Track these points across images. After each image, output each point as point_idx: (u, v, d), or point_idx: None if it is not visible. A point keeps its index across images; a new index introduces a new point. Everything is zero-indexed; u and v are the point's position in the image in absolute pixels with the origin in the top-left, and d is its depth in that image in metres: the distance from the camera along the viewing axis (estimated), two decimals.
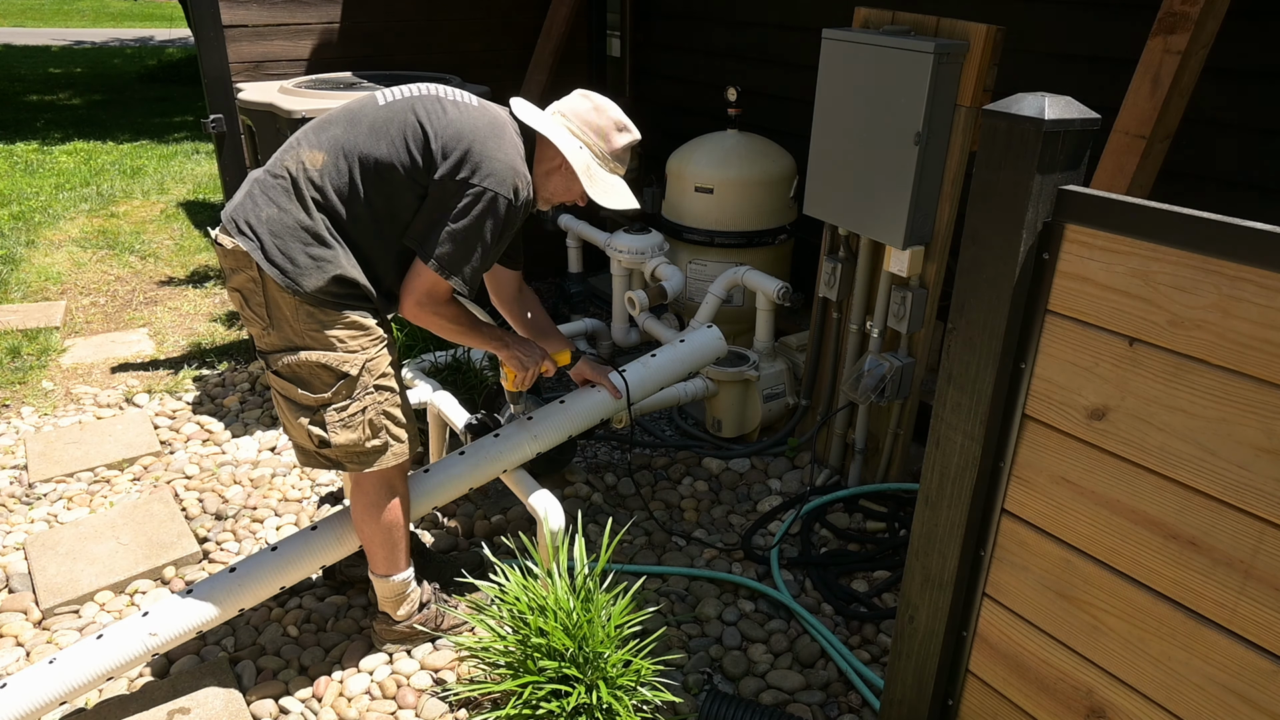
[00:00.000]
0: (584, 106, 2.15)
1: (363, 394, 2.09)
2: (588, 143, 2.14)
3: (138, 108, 10.53)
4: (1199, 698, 1.43)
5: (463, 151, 1.97)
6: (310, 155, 2.01)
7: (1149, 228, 1.34)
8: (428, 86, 2.11)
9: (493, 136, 2.01)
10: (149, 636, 2.12)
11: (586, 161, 2.14)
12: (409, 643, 2.43)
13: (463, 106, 2.05)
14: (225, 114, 3.63)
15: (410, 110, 2.01)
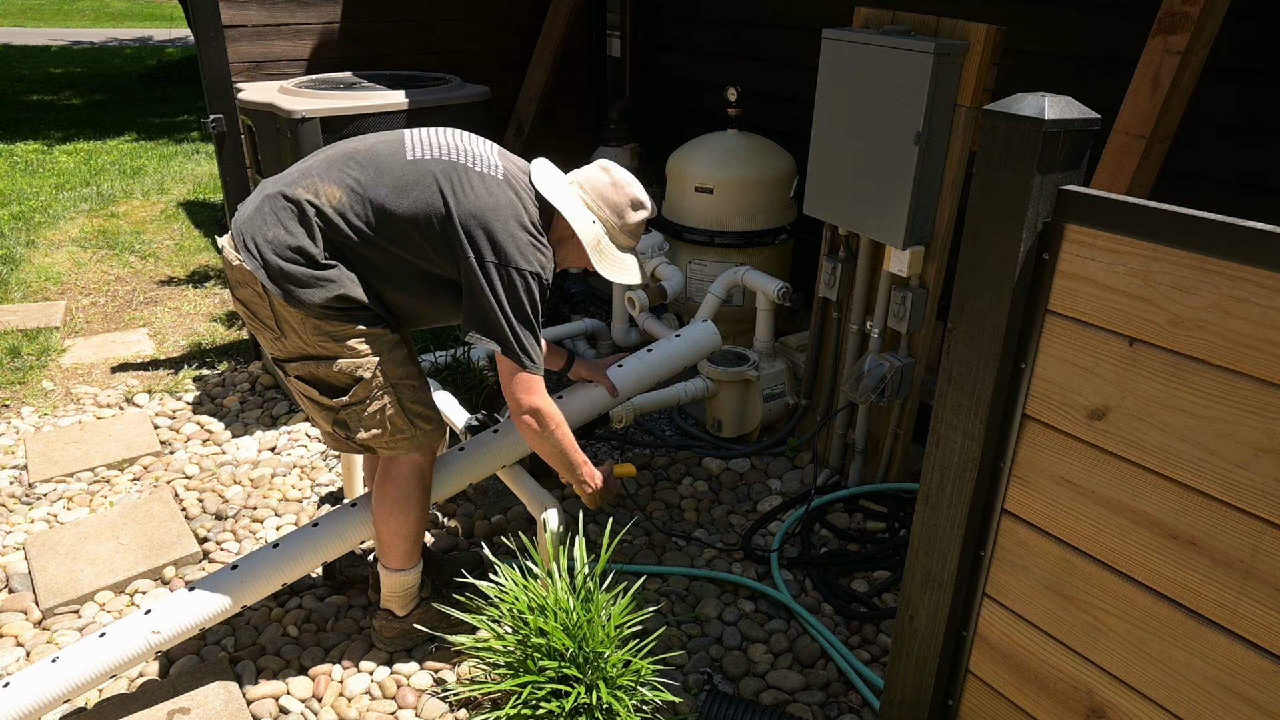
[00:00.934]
0: (602, 181, 2.17)
1: (381, 393, 2.10)
2: (602, 217, 2.16)
3: (138, 108, 10.53)
4: (1199, 698, 1.43)
5: (488, 234, 1.98)
6: (328, 190, 2.00)
7: (1149, 228, 1.34)
8: (454, 144, 2.09)
9: (514, 215, 2.02)
10: (151, 634, 2.12)
11: (598, 236, 2.16)
12: (409, 642, 2.42)
13: (487, 180, 2.04)
14: (225, 114, 3.63)
15: (434, 179, 2.01)
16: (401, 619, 2.39)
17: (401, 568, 2.31)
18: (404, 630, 2.40)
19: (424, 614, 2.41)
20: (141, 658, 2.13)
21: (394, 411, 2.12)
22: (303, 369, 2.07)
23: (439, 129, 2.15)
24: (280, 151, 3.40)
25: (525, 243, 2.00)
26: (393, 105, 3.44)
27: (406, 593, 2.36)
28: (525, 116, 4.58)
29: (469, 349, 3.56)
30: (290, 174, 2.06)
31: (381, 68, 4.20)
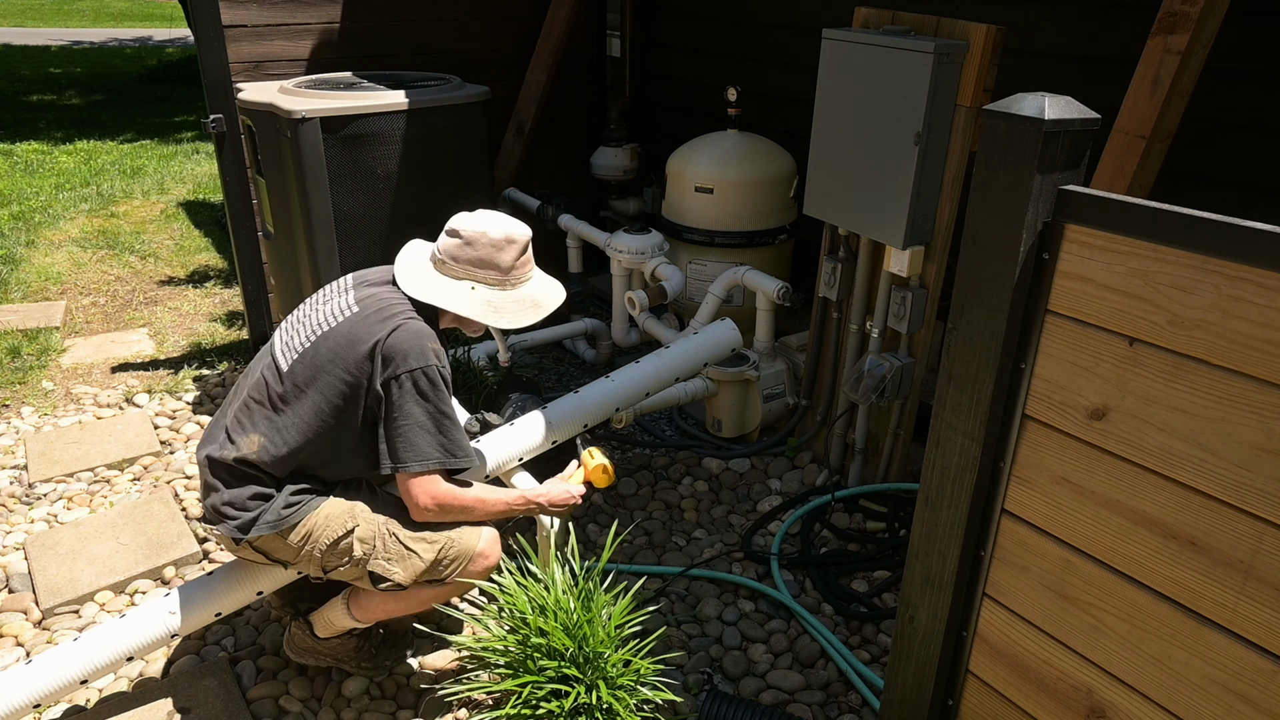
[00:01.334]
0: (454, 245, 2.10)
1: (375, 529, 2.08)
2: (478, 280, 2.11)
3: (138, 108, 10.53)
4: (1199, 698, 1.43)
5: (373, 358, 1.98)
6: (246, 441, 2.03)
7: (1149, 228, 1.34)
8: (311, 325, 2.08)
9: (384, 321, 2.01)
10: (169, 615, 2.15)
11: (485, 299, 2.11)
12: (313, 659, 2.34)
13: (356, 317, 2.03)
14: (225, 114, 3.63)
15: (318, 374, 2.01)
16: (317, 639, 2.31)
17: (362, 620, 2.26)
18: (315, 649, 2.32)
19: (341, 645, 2.32)
20: (160, 643, 2.17)
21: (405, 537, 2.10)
22: (323, 566, 2.09)
23: (298, 321, 2.14)
24: (280, 151, 3.40)
25: (406, 342, 1.98)
26: (393, 105, 3.44)
27: (342, 629, 2.28)
28: (525, 116, 4.58)
29: (469, 349, 3.56)
30: (211, 430, 2.12)
31: (381, 68, 4.20)
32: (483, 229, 2.09)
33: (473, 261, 2.09)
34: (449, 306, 2.08)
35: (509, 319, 2.13)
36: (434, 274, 2.12)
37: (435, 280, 2.11)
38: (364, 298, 2.08)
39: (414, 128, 3.50)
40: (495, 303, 2.12)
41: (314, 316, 2.10)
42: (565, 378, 4.04)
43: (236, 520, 2.01)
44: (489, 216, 2.13)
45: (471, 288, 2.11)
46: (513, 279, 2.14)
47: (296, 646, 2.33)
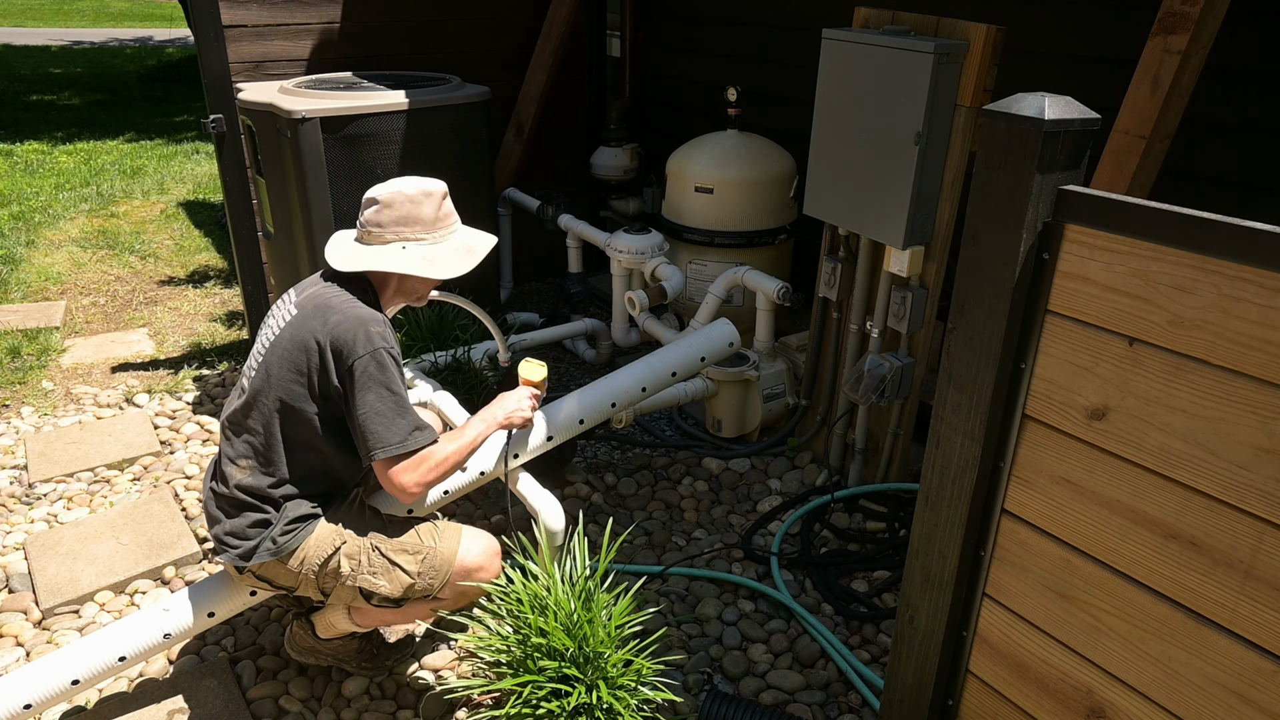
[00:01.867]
0: (374, 212, 2.11)
1: (360, 544, 2.10)
2: (406, 238, 2.12)
3: (138, 108, 10.53)
4: (1199, 698, 1.43)
5: (320, 353, 1.99)
6: (236, 469, 2.06)
7: (1149, 228, 1.34)
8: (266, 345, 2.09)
9: (321, 315, 2.01)
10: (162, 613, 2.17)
11: (418, 254, 2.11)
12: (313, 659, 2.34)
13: (296, 319, 2.04)
14: (225, 114, 3.63)
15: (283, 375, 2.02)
16: (319, 639, 2.31)
17: (362, 626, 2.27)
18: (315, 649, 2.32)
19: (342, 646, 2.32)
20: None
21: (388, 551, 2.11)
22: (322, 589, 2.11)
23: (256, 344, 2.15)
24: (280, 151, 3.40)
25: (347, 328, 1.99)
26: (393, 105, 3.44)
27: (343, 632, 2.29)
28: (525, 116, 4.58)
29: (469, 349, 3.56)
30: (212, 462, 2.17)
31: (381, 68, 4.20)
32: (397, 189, 2.11)
33: (396, 221, 2.10)
34: (385, 268, 2.08)
35: (445, 268, 2.13)
36: (362, 247, 2.13)
37: (365, 251, 2.11)
38: (302, 300, 2.09)
39: (414, 128, 3.50)
40: (429, 255, 2.13)
41: (264, 335, 2.13)
42: (565, 377, 4.04)
43: (238, 549, 2.04)
44: (401, 179, 2.15)
45: (402, 247, 2.11)
46: (439, 230, 2.15)
47: (298, 645, 2.33)
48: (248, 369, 2.12)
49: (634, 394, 2.86)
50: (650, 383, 2.90)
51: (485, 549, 2.19)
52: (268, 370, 2.04)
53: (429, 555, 2.12)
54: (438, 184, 2.17)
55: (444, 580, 2.13)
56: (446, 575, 2.13)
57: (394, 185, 2.13)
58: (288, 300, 2.15)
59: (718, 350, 3.08)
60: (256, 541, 2.04)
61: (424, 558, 2.11)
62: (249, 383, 2.08)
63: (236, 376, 3.98)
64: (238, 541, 2.04)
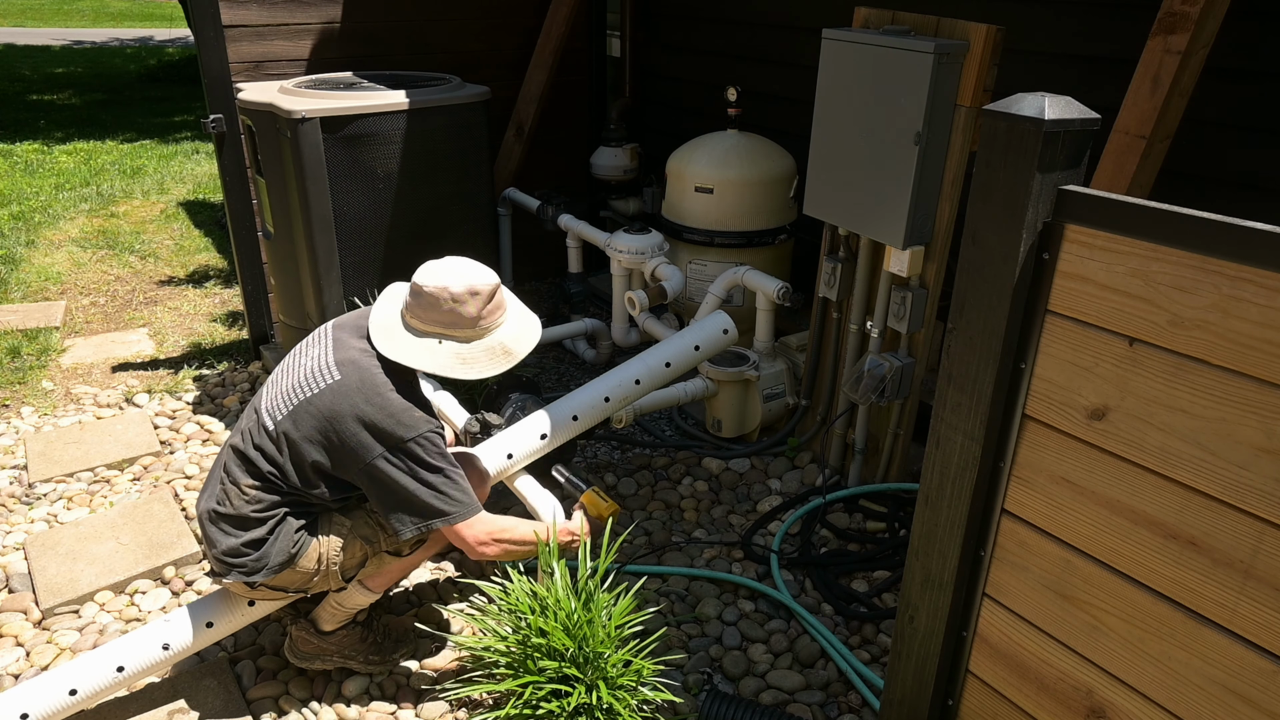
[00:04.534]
0: (418, 303, 2.08)
1: (361, 517, 2.15)
2: (445, 335, 2.09)
3: (138, 108, 10.53)
4: (1199, 698, 1.43)
5: (358, 434, 2.00)
6: (239, 493, 2.08)
7: (1149, 228, 1.34)
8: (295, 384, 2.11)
9: (364, 395, 2.02)
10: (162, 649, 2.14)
11: (452, 353, 2.09)
12: (320, 662, 2.33)
13: (339, 385, 2.04)
14: (225, 114, 3.63)
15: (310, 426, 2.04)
16: (324, 635, 2.30)
17: (376, 590, 2.28)
18: (321, 649, 2.31)
19: (348, 636, 2.32)
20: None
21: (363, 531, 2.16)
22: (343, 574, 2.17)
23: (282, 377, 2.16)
24: (280, 151, 3.40)
25: (394, 414, 2.00)
26: (393, 105, 3.44)
27: (354, 612, 2.30)
28: (525, 116, 4.58)
29: None
30: (207, 482, 2.19)
31: (381, 68, 4.20)
32: (444, 284, 2.05)
33: (437, 320, 2.07)
34: (417, 365, 2.07)
35: (478, 370, 2.11)
36: (402, 331, 2.11)
37: (403, 339, 2.09)
38: (343, 361, 2.08)
39: (414, 128, 3.50)
40: (463, 354, 2.10)
41: (296, 374, 2.12)
42: (565, 378, 4.04)
43: (244, 568, 2.06)
44: (451, 269, 2.09)
45: (439, 342, 2.09)
46: (480, 329, 2.11)
47: (300, 651, 2.31)
48: (272, 402, 2.11)
49: (629, 388, 2.86)
50: (644, 375, 2.90)
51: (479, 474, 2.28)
52: (295, 420, 2.05)
53: None
54: (487, 280, 2.10)
55: None
56: None
57: (442, 278, 2.06)
58: (325, 347, 2.13)
59: (712, 338, 3.07)
60: (260, 557, 2.06)
61: None
62: (271, 420, 2.08)
63: (236, 376, 3.98)
64: (242, 560, 2.06)
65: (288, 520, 2.09)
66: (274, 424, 2.07)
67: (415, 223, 3.60)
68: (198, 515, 2.15)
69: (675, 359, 2.98)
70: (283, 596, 2.18)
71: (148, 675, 2.19)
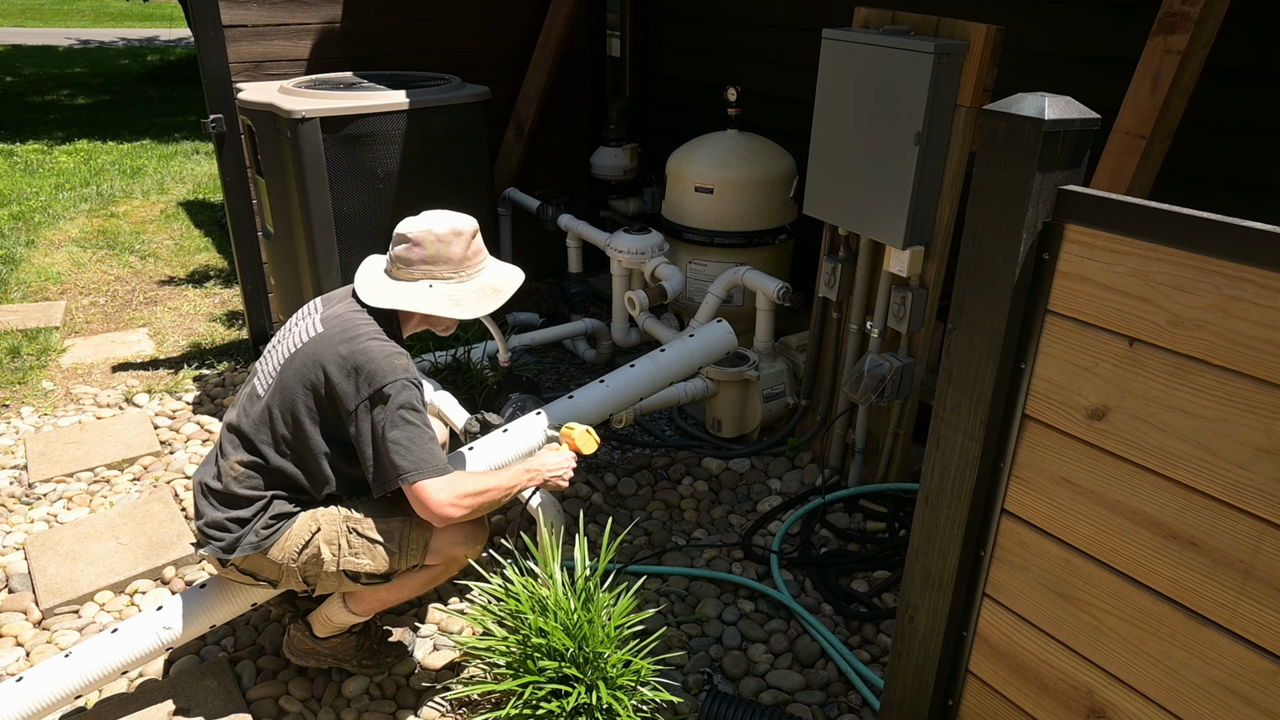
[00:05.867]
0: (404, 249, 2.12)
1: (336, 528, 2.10)
2: (434, 276, 2.13)
3: (138, 107, 10.53)
4: (1199, 698, 1.43)
5: (339, 377, 2.00)
6: (231, 466, 2.08)
7: (1149, 228, 1.34)
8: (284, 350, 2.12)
9: (346, 340, 2.02)
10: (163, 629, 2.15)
11: (445, 294, 2.13)
12: (314, 661, 2.34)
13: (320, 338, 2.05)
14: (225, 114, 3.63)
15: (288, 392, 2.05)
16: (317, 639, 2.31)
17: (360, 614, 2.27)
18: (315, 650, 2.32)
19: (341, 644, 2.32)
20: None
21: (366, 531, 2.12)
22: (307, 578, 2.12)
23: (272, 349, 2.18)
24: (280, 151, 3.40)
25: (376, 358, 2.00)
26: (393, 105, 3.44)
27: (344, 626, 2.29)
28: (525, 116, 4.58)
29: (469, 349, 3.56)
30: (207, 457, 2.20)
31: (381, 68, 4.20)
32: (428, 227, 2.12)
33: (425, 260, 2.12)
34: (411, 307, 2.10)
35: (471, 308, 2.15)
36: (390, 281, 2.15)
37: (393, 287, 2.13)
38: (328, 317, 2.10)
39: (414, 128, 3.50)
40: (455, 295, 2.15)
41: (285, 342, 2.14)
42: (565, 378, 4.04)
43: (222, 542, 2.07)
44: (433, 215, 2.16)
45: (429, 285, 2.13)
46: (467, 269, 2.17)
47: (296, 649, 2.33)
48: (261, 373, 2.14)
49: (632, 401, 2.88)
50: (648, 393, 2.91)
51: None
52: (282, 380, 2.06)
53: (403, 526, 2.13)
54: (468, 222, 2.18)
55: (425, 548, 2.14)
56: (427, 543, 2.14)
57: (425, 223, 2.13)
58: (313, 312, 2.16)
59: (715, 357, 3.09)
60: (238, 535, 2.06)
61: (402, 530, 2.12)
62: (261, 387, 2.11)
63: (236, 376, 3.98)
64: (221, 534, 2.07)
65: (274, 504, 2.08)
66: (265, 393, 2.09)
67: None
68: (192, 486, 2.15)
69: (680, 378, 3.00)
70: (252, 582, 2.15)
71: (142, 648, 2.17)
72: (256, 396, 2.11)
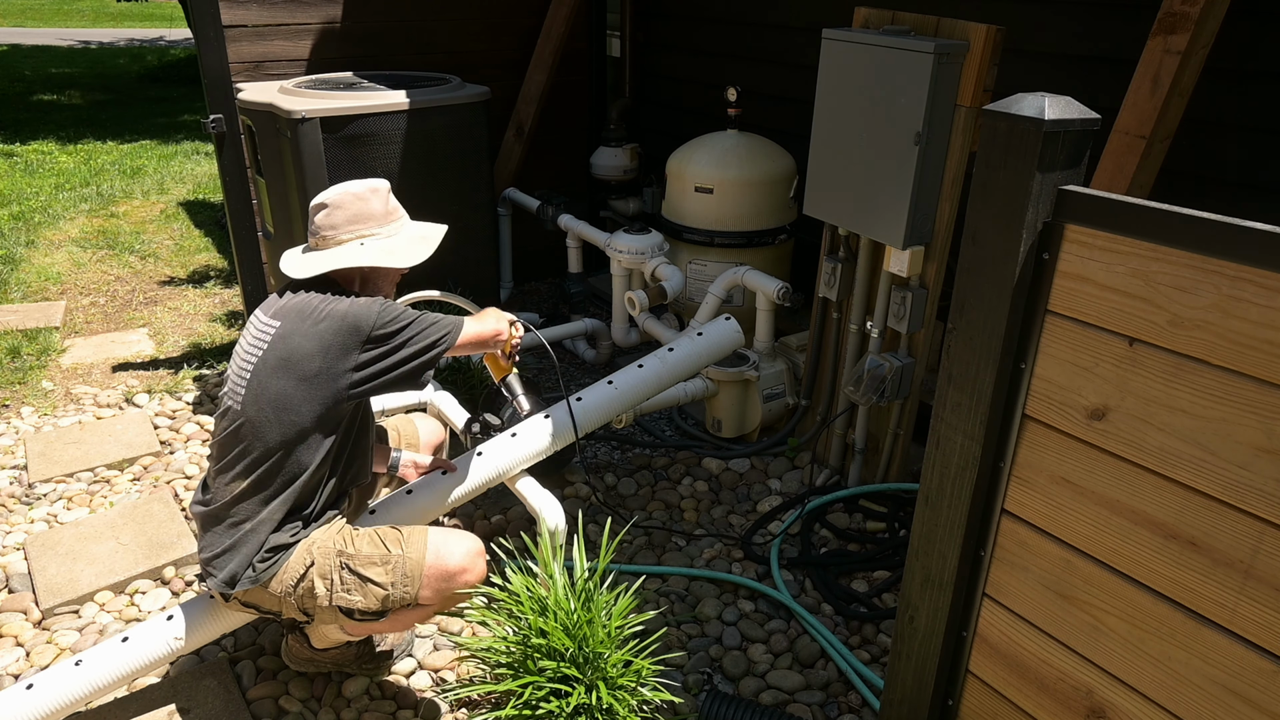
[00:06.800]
0: (325, 215, 2.14)
1: (330, 562, 2.06)
2: (362, 234, 2.15)
3: (138, 108, 10.53)
4: (1199, 698, 1.43)
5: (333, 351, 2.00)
6: (225, 489, 2.06)
7: (1149, 228, 1.34)
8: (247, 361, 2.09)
9: (312, 319, 2.03)
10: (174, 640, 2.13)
11: (378, 247, 2.15)
12: (313, 668, 2.34)
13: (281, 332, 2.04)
14: (225, 114, 3.63)
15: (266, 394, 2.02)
16: (315, 650, 2.31)
17: (354, 635, 2.26)
18: (314, 659, 2.32)
19: (340, 653, 2.32)
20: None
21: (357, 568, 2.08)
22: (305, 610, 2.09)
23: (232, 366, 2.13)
24: (280, 151, 3.40)
25: (354, 305, 2.02)
26: (393, 105, 3.44)
27: (337, 643, 2.29)
28: (525, 116, 4.58)
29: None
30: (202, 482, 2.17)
31: (381, 68, 4.20)
32: (343, 189, 2.16)
33: (349, 220, 2.14)
34: (348, 264, 2.11)
35: (406, 256, 2.19)
36: (319, 253, 2.15)
37: (324, 255, 2.14)
38: (277, 312, 2.08)
39: (414, 128, 3.50)
40: (388, 248, 2.18)
41: (241, 359, 2.10)
42: (565, 378, 4.04)
43: (222, 577, 2.03)
44: (341, 184, 2.20)
45: (360, 244, 2.15)
46: (391, 223, 2.21)
47: (295, 657, 2.32)
48: (230, 393, 2.09)
49: (639, 401, 2.88)
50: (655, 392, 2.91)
51: (467, 551, 2.11)
52: (259, 388, 2.01)
53: (398, 563, 2.06)
54: (380, 181, 2.24)
55: (419, 585, 2.07)
56: (420, 579, 2.07)
57: (339, 188, 2.17)
58: (257, 321, 2.12)
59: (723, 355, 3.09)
60: (239, 567, 2.02)
61: (393, 567, 2.06)
62: (236, 404, 2.05)
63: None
64: (220, 568, 2.04)
65: (267, 539, 2.03)
66: (239, 407, 2.05)
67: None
68: (192, 515, 2.14)
69: (687, 376, 3.00)
70: (255, 613, 2.13)
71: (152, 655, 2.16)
72: (227, 415, 2.07)
